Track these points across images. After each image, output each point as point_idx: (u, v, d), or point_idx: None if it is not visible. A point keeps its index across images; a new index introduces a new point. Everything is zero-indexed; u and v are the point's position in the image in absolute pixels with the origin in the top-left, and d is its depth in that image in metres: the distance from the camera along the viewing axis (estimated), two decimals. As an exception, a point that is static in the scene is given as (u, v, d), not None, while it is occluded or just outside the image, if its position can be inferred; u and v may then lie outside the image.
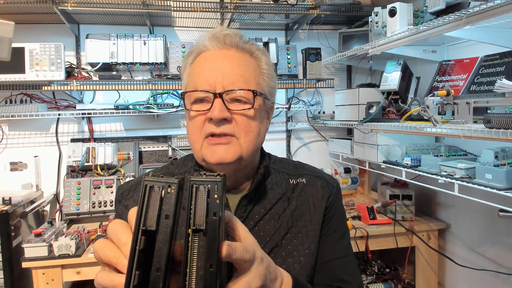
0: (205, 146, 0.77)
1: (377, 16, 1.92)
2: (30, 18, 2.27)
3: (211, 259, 0.44)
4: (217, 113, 0.74)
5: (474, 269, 1.85)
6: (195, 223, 0.45)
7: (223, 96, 0.75)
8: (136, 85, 2.22)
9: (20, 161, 2.28)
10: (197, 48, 0.82)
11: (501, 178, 1.31)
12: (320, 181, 0.90)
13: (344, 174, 2.64)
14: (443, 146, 1.92)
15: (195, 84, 0.78)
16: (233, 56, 0.79)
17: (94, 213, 2.13)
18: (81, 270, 1.79)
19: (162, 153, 2.49)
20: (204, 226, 0.45)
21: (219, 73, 0.76)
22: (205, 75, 0.77)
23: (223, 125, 0.75)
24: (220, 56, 0.79)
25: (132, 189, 0.90)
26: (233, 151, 0.76)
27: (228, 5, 2.22)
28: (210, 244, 0.45)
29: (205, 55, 0.80)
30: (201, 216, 0.45)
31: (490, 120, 1.21)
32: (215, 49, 0.80)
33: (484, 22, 1.30)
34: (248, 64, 0.80)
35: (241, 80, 0.77)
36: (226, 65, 0.77)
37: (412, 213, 2.12)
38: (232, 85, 0.76)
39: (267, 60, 0.84)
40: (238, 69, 0.77)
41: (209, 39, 0.80)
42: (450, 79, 1.86)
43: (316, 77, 2.44)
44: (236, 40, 0.80)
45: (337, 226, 0.88)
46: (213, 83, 0.76)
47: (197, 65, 0.81)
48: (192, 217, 0.45)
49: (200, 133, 0.78)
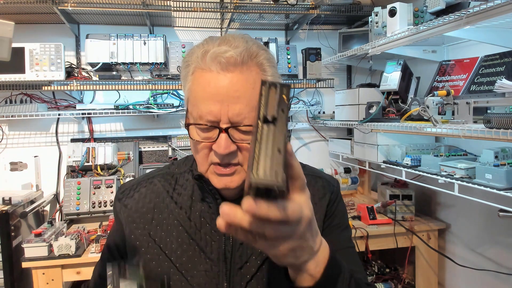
0: (211, 171, 0.77)
1: (377, 16, 1.92)
2: (30, 18, 2.27)
3: (279, 144, 0.46)
4: (223, 149, 0.72)
5: (474, 269, 1.85)
6: (267, 113, 0.47)
7: (229, 130, 0.72)
8: (136, 85, 2.22)
9: (20, 161, 2.28)
10: (197, 63, 0.75)
11: (501, 178, 1.31)
12: (321, 180, 0.91)
13: (344, 174, 2.64)
14: (443, 146, 1.92)
15: (198, 111, 0.73)
16: (237, 80, 0.72)
17: (94, 213, 2.13)
18: (81, 270, 1.79)
19: (162, 153, 2.49)
20: (276, 115, 0.47)
21: (223, 104, 0.71)
22: (209, 105, 0.72)
23: (228, 157, 0.74)
24: (223, 82, 0.72)
25: (133, 188, 0.90)
26: (238, 179, 0.76)
27: (228, 5, 2.21)
28: (278, 132, 0.47)
29: (207, 77, 0.73)
30: (273, 108, 0.48)
31: (490, 120, 1.21)
32: (218, 72, 0.72)
33: (484, 22, 1.30)
34: (254, 86, 0.73)
35: (247, 109, 0.72)
36: (231, 94, 0.71)
37: (412, 213, 2.12)
38: (238, 117, 0.71)
39: (273, 72, 0.79)
40: (243, 97, 0.72)
41: (211, 60, 0.73)
42: (450, 79, 1.86)
43: (316, 77, 2.44)
44: (241, 58, 0.73)
45: (339, 220, 0.89)
46: (218, 115, 0.72)
47: (199, 84, 0.75)
48: (264, 109, 0.48)
49: (206, 160, 0.77)
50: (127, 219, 0.86)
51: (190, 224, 0.82)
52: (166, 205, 0.86)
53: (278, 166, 0.45)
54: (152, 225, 0.84)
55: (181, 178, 0.89)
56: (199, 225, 0.82)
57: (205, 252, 0.80)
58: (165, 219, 0.84)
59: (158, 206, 0.86)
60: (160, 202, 0.86)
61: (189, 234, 0.82)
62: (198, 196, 0.84)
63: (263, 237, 0.50)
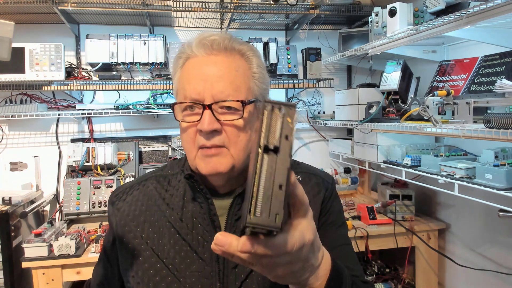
0: (199, 156, 0.78)
1: (377, 16, 1.92)
2: (30, 18, 2.26)
3: (281, 178, 0.42)
4: (206, 126, 0.73)
5: (474, 269, 1.85)
6: (268, 141, 0.43)
7: (212, 106, 0.74)
8: (136, 85, 2.22)
9: (20, 161, 2.28)
10: (185, 53, 0.80)
11: (501, 178, 1.31)
12: (315, 177, 0.90)
13: (344, 174, 2.64)
14: (443, 146, 1.92)
15: (184, 92, 0.77)
16: (221, 62, 0.77)
17: (94, 213, 2.13)
18: (81, 270, 1.79)
19: (162, 153, 2.49)
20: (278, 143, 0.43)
21: (207, 82, 0.75)
22: (193, 84, 0.76)
23: (213, 137, 0.75)
24: (208, 63, 0.77)
25: (126, 191, 0.90)
26: (225, 162, 0.76)
27: (228, 5, 2.21)
28: (280, 163, 0.42)
29: (193, 62, 0.78)
30: (275, 135, 0.43)
31: (490, 120, 1.21)
32: (203, 55, 0.77)
33: (484, 22, 1.30)
34: (238, 69, 0.77)
35: (230, 88, 0.75)
36: (214, 73, 0.75)
37: (412, 213, 2.12)
38: (221, 94, 0.74)
39: (258, 62, 0.81)
40: (227, 76, 0.75)
41: (196, 45, 0.78)
42: (450, 79, 1.86)
43: (316, 77, 2.44)
44: (225, 43, 0.77)
45: (335, 217, 0.88)
46: (202, 92, 0.74)
47: (186, 71, 0.79)
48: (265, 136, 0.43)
49: (193, 144, 0.78)
50: (119, 222, 0.86)
51: (182, 225, 0.82)
52: (158, 207, 0.85)
53: (278, 207, 0.41)
54: (145, 227, 0.84)
55: (174, 179, 0.89)
56: (191, 226, 0.82)
57: (197, 253, 0.80)
58: (157, 221, 0.84)
59: (150, 208, 0.86)
60: (152, 204, 0.86)
61: (181, 235, 0.82)
62: (190, 196, 0.84)
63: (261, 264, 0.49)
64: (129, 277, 0.83)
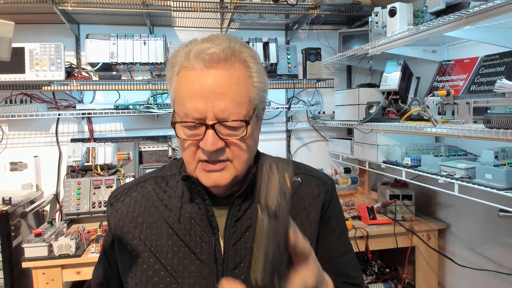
0: (200, 169, 0.77)
1: (377, 16, 1.92)
2: (30, 18, 2.26)
3: (279, 240, 0.44)
4: (210, 146, 0.72)
5: (474, 269, 1.85)
6: (267, 202, 0.44)
7: (215, 126, 0.72)
8: (136, 85, 2.22)
9: (20, 161, 2.28)
10: (182, 63, 0.75)
11: (501, 178, 1.31)
12: (315, 179, 0.90)
13: (344, 174, 2.64)
14: (443, 146, 1.92)
15: (184, 109, 0.74)
16: (221, 76, 0.72)
17: (94, 213, 2.13)
18: (81, 270, 1.79)
19: (162, 153, 2.49)
20: (277, 205, 0.44)
21: (208, 100, 0.71)
22: (194, 103, 0.72)
23: (216, 154, 0.74)
24: (207, 78, 0.72)
25: (124, 193, 0.90)
26: (227, 175, 0.76)
27: (228, 5, 2.21)
28: (279, 226, 0.44)
29: (191, 75, 0.73)
30: (274, 196, 0.45)
31: (490, 120, 1.21)
32: (202, 69, 0.72)
33: (484, 22, 1.30)
34: (239, 82, 0.74)
35: (232, 104, 0.72)
36: (215, 89, 0.71)
37: (412, 213, 2.12)
38: (224, 113, 0.72)
39: (258, 68, 0.78)
40: (228, 93, 0.72)
41: (195, 58, 0.73)
42: (450, 79, 1.86)
43: (316, 77, 2.44)
44: (224, 53, 0.73)
45: (336, 223, 0.88)
46: (204, 111, 0.72)
47: (185, 84, 0.74)
48: (264, 197, 0.45)
49: (194, 158, 0.77)
50: (118, 224, 0.86)
51: (180, 226, 0.82)
52: (156, 208, 0.85)
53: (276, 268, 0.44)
54: (143, 228, 0.84)
55: (172, 180, 0.88)
56: (189, 227, 0.82)
57: (195, 254, 0.80)
58: (155, 222, 0.84)
59: (148, 210, 0.85)
60: (150, 206, 0.86)
61: (179, 236, 0.81)
62: (188, 197, 0.84)
63: None
64: (128, 278, 0.83)
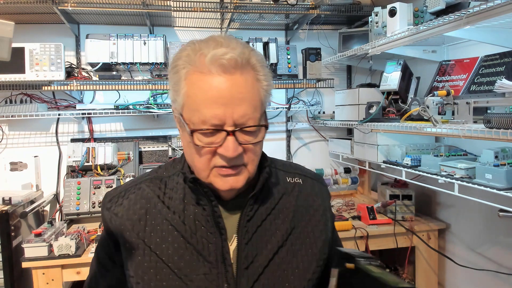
0: (214, 174, 0.77)
1: (377, 16, 1.92)
2: (30, 18, 2.26)
3: None
4: (231, 153, 0.72)
5: (474, 269, 1.85)
6: None
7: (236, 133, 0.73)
8: (136, 85, 2.22)
9: (20, 161, 2.28)
10: (195, 66, 0.73)
11: (501, 178, 1.31)
12: (312, 181, 0.94)
13: (344, 174, 2.64)
14: (443, 146, 1.92)
15: (201, 116, 0.72)
16: (238, 82, 0.72)
17: (94, 213, 2.13)
18: (81, 270, 1.79)
19: (162, 153, 2.49)
20: None
21: (228, 107, 0.71)
22: (214, 109, 0.71)
23: (235, 159, 0.75)
24: (227, 84, 0.71)
25: (121, 195, 0.87)
26: (242, 178, 0.78)
27: (228, 5, 2.21)
28: None
29: (208, 81, 0.72)
30: None
31: (490, 120, 1.21)
32: (220, 74, 0.71)
33: (484, 22, 1.30)
34: (253, 86, 0.75)
35: (250, 109, 0.73)
36: (234, 95, 0.71)
37: (412, 213, 2.12)
38: (243, 118, 0.72)
39: (265, 72, 0.79)
40: (246, 98, 0.73)
41: (212, 63, 0.71)
42: (450, 79, 1.86)
43: (316, 77, 2.44)
44: (241, 58, 0.72)
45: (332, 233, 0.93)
46: (223, 118, 0.71)
47: (198, 89, 0.73)
48: None
49: (208, 164, 0.76)
50: (119, 228, 0.83)
51: (185, 228, 0.80)
52: (158, 211, 0.83)
53: None
54: (146, 232, 0.81)
55: (171, 181, 0.86)
56: (194, 229, 0.80)
57: (203, 255, 0.79)
58: (159, 224, 0.82)
59: (150, 212, 0.83)
60: (151, 208, 0.83)
61: (185, 238, 0.80)
62: (191, 199, 0.82)
63: None
64: (134, 284, 0.81)
